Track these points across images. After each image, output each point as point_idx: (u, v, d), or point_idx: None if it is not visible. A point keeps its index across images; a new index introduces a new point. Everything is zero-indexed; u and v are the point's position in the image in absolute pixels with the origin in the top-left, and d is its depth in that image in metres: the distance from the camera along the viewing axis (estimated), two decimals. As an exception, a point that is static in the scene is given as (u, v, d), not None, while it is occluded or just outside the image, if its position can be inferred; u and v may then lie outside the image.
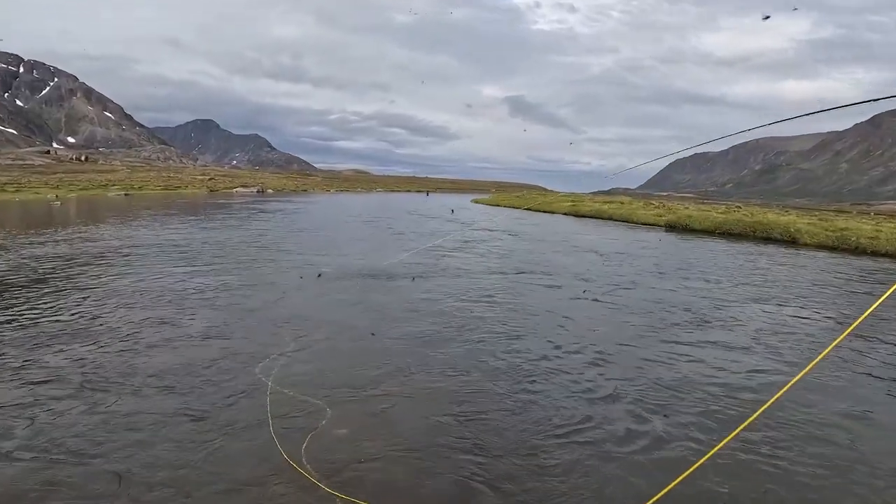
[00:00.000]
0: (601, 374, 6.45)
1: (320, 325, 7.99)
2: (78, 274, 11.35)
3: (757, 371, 6.81)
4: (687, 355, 7.33)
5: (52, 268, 11.91)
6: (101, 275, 11.36)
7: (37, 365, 6.07)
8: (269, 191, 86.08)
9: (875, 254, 21.22)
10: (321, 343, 7.22)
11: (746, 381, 6.41)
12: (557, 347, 7.42)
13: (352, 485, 4.01)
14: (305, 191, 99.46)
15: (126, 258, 13.65)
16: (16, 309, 8.37)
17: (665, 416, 5.37)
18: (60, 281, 10.54)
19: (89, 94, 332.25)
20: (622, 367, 6.76)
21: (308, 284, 11.08)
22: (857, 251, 21.74)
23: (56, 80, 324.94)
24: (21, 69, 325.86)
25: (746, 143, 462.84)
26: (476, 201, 68.57)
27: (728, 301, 11.04)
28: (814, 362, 3.53)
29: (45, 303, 8.78)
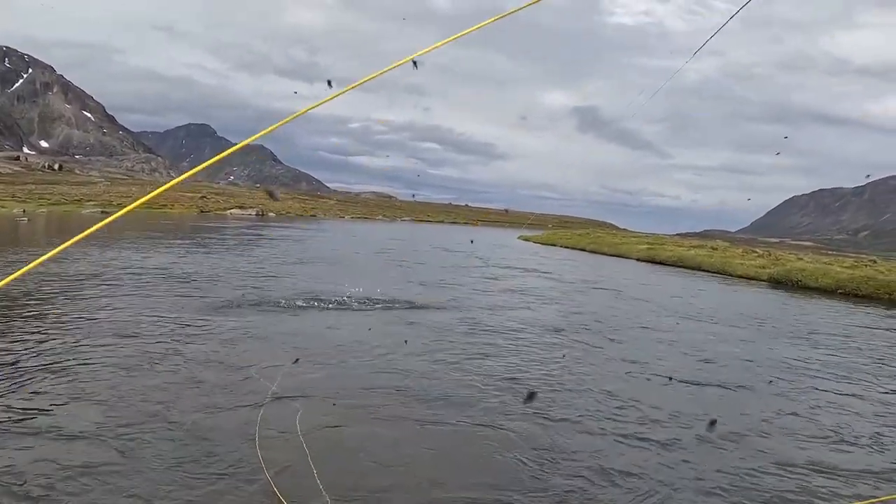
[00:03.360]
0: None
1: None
2: (53, 299, 12.39)
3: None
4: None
5: (27, 292, 13.01)
6: (79, 302, 12.37)
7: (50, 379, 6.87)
8: (271, 214, 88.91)
9: None
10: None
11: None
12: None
13: None
14: (314, 216, 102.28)
15: (99, 288, 14.72)
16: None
17: None
18: (38, 307, 11.56)
19: (67, 89, 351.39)
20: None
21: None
22: None
23: (31, 71, 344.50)
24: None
25: (889, 178, 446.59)
26: (524, 238, 68.83)
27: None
28: None
29: (29, 328, 9.72)
